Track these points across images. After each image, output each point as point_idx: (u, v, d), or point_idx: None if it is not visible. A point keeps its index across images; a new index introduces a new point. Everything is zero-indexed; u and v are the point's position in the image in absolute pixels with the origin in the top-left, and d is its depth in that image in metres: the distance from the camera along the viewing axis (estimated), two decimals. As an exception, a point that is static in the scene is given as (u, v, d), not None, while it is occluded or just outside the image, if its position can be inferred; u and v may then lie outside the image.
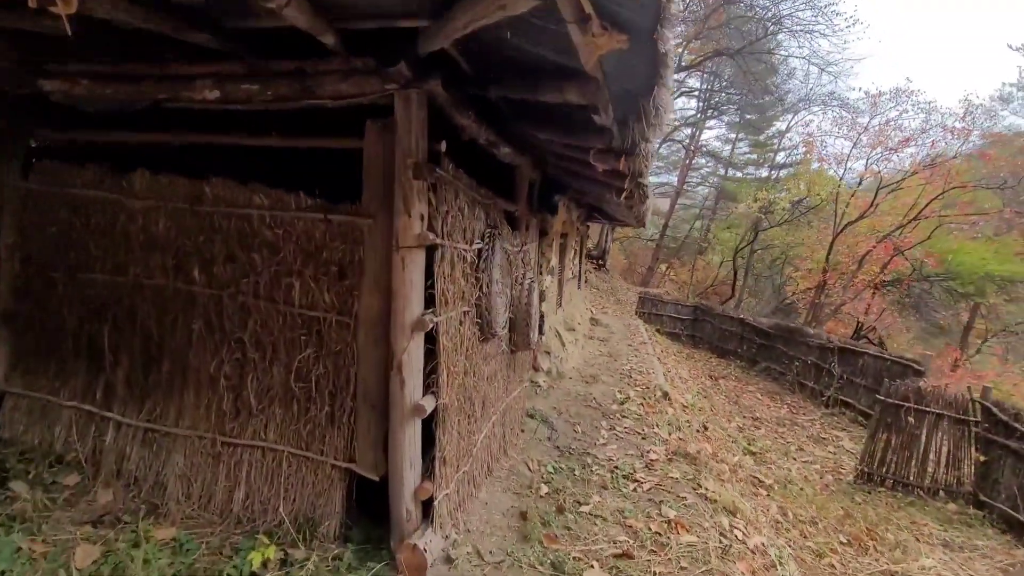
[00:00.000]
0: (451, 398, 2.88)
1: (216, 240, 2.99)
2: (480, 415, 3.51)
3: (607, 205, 8.81)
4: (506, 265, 3.73)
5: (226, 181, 2.99)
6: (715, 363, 13.34)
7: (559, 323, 8.37)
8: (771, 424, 8.77)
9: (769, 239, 23.95)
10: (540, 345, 6.98)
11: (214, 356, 2.99)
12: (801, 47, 15.47)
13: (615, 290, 22.89)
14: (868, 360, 9.33)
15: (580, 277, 12.45)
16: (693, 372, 11.29)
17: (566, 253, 9.16)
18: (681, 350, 14.09)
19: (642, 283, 28.92)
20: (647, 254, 33.05)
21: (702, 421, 7.03)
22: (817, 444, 8.17)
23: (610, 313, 14.76)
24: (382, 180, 2.69)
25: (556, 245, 7.61)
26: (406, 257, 2.60)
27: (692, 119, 27.22)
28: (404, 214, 2.59)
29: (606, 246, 24.43)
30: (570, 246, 9.56)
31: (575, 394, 6.46)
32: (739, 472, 5.87)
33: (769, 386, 11.55)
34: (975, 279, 17.51)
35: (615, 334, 11.06)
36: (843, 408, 9.75)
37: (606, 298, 19.76)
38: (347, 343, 2.79)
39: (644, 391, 6.91)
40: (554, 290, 8.03)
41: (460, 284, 2.92)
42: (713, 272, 31.84)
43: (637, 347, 9.92)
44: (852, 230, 15.77)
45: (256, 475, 2.94)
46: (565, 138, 3.13)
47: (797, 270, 19.68)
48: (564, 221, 8.23)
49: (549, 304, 7.63)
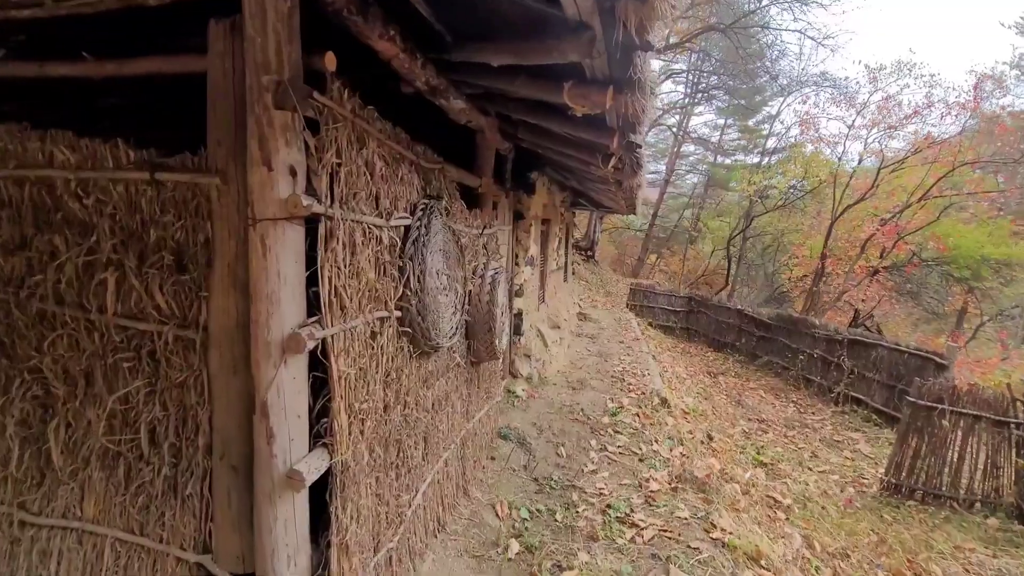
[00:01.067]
0: (357, 451, 1.92)
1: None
2: (421, 460, 2.55)
3: (594, 188, 7.87)
4: (455, 252, 2.76)
5: (12, 127, 1.98)
6: (712, 358, 12.50)
7: (542, 321, 7.43)
8: (779, 427, 7.93)
9: (762, 226, 23.18)
10: (519, 347, 6.04)
11: (1, 393, 1.99)
12: (796, 20, 14.57)
13: (605, 282, 22.03)
14: (882, 353, 8.51)
15: (566, 269, 11.51)
16: (690, 369, 10.43)
17: (549, 242, 8.21)
18: (676, 344, 13.23)
19: (633, 274, 28.13)
20: (637, 244, 32.26)
21: (706, 430, 6.14)
22: (831, 449, 7.34)
23: (600, 306, 13.87)
24: (233, 116, 1.70)
25: (535, 232, 6.66)
26: (268, 235, 1.63)
27: (680, 103, 26.35)
28: (261, 165, 1.62)
29: (595, 236, 23.54)
30: (553, 234, 8.61)
31: (559, 405, 5.52)
32: (753, 492, 4.98)
33: (772, 382, 10.73)
34: (971, 262, 16.90)
35: (605, 330, 10.15)
36: (855, 406, 8.94)
37: (595, 290, 18.87)
38: (193, 371, 1.81)
39: (639, 397, 6.00)
40: (535, 283, 7.08)
41: (369, 277, 1.95)
42: (704, 261, 31.17)
43: (630, 344, 9.02)
44: (851, 214, 14.98)
45: (70, 570, 1.96)
46: (526, 56, 2.15)
47: (794, 257, 18.88)
48: (546, 205, 7.27)
49: (529, 300, 6.68)
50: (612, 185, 6.55)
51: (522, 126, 4.44)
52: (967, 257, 16.76)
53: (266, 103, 1.61)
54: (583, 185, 8.55)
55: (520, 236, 5.89)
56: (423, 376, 2.52)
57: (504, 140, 4.78)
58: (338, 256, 1.78)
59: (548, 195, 7.46)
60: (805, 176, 15.90)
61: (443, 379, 2.85)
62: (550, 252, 8.38)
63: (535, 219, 6.54)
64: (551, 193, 7.74)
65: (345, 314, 1.82)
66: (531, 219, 6.18)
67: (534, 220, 6.50)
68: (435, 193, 2.65)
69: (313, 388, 1.81)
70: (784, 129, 25.04)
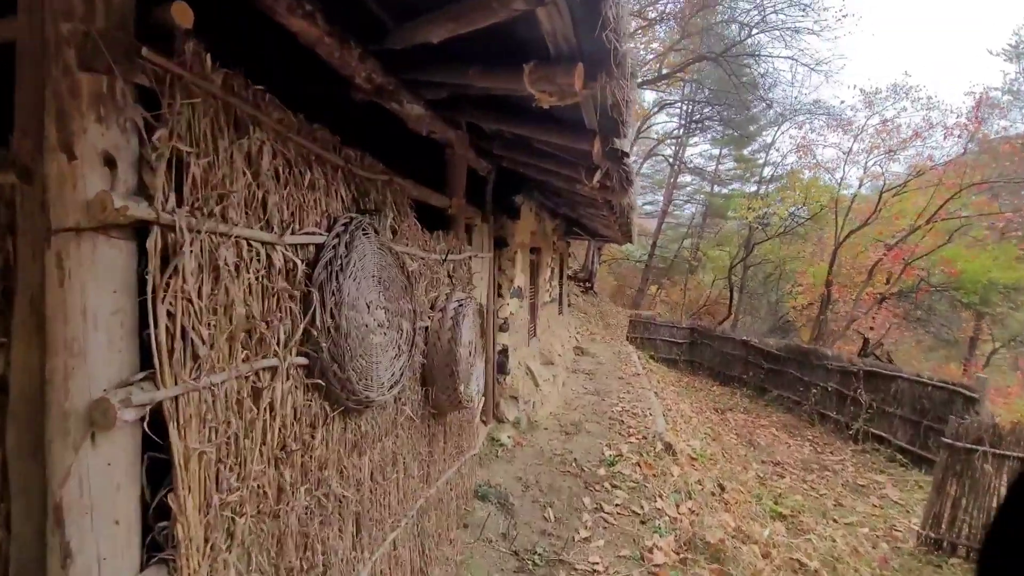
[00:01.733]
0: (218, 566, 1.33)
1: None
2: (350, 551, 1.95)
3: (586, 214, 7.43)
4: (399, 280, 2.23)
5: None
6: (719, 392, 11.81)
7: (532, 357, 6.84)
8: (796, 470, 7.22)
9: (763, 254, 22.76)
10: (504, 388, 5.45)
11: None
12: (788, 47, 14.54)
13: (604, 314, 21.46)
14: (903, 385, 7.88)
15: (561, 301, 10.98)
16: (696, 406, 9.75)
17: (539, 272, 7.71)
18: (680, 378, 12.56)
19: (633, 305, 27.59)
20: (637, 276, 31.87)
21: (716, 477, 5.47)
22: (856, 495, 6.61)
23: (598, 339, 13.26)
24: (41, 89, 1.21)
25: (522, 260, 6.16)
26: (66, 253, 1.11)
27: (674, 133, 26.41)
28: (59, 152, 1.12)
29: (593, 267, 23.12)
30: (544, 264, 8.12)
31: (550, 454, 4.89)
32: (774, 554, 4.29)
33: (785, 418, 10.02)
34: (978, 288, 16.40)
35: (604, 364, 9.53)
36: (876, 443, 8.23)
37: (594, 323, 18.28)
38: (-17, 452, 1.26)
39: (640, 442, 5.36)
40: (524, 317, 6.53)
41: (243, 313, 1.41)
42: (705, 291, 30.73)
43: (629, 380, 8.39)
44: (854, 240, 14.55)
45: None
46: (468, 19, 1.67)
47: (798, 285, 18.35)
48: (534, 233, 6.80)
49: (517, 335, 6.12)
50: (603, 208, 6.09)
51: (497, 140, 4.00)
52: (974, 282, 16.25)
53: (68, 63, 1.11)
54: (575, 211, 8.12)
55: (504, 265, 5.39)
56: (351, 441, 1.95)
57: (480, 158, 4.34)
58: (187, 283, 1.24)
59: (537, 222, 7.00)
60: (805, 202, 15.54)
61: (387, 440, 2.27)
62: (541, 283, 7.87)
63: (521, 247, 6.06)
64: (540, 220, 7.29)
65: (200, 366, 1.27)
66: (516, 247, 5.69)
67: (520, 248, 6.01)
68: (372, 207, 2.15)
69: (154, 473, 1.25)
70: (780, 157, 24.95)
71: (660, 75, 17.10)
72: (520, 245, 6.00)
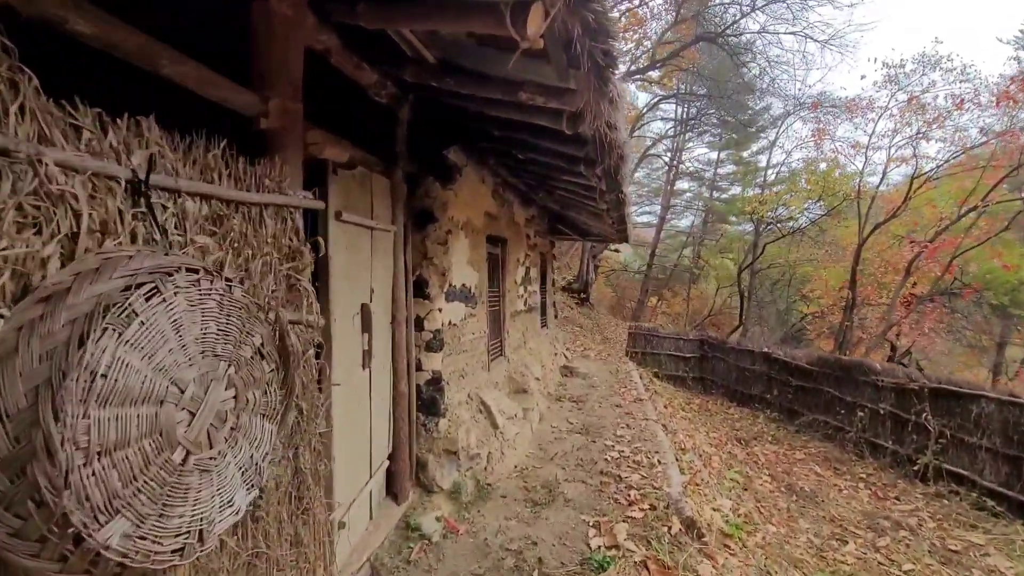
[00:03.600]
0: None
1: None
2: None
3: (572, 200, 5.67)
4: None
5: None
6: (738, 416, 9.89)
7: (492, 385, 4.99)
8: (859, 529, 5.31)
9: (770, 258, 20.97)
10: (435, 439, 3.60)
11: None
12: (795, 21, 12.89)
13: (601, 326, 19.66)
14: (989, 408, 6.01)
15: (545, 311, 9.15)
16: (714, 437, 7.85)
17: (505, 271, 5.90)
18: (690, 399, 10.65)
19: (632, 318, 25.78)
20: (635, 287, 30.17)
21: (763, 565, 3.58)
22: (953, 567, 4.70)
23: (593, 356, 11.40)
24: None
25: (472, 251, 4.35)
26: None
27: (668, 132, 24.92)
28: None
29: (588, 277, 21.37)
30: (515, 261, 6.32)
31: (498, 549, 3.01)
32: None
33: (823, 449, 8.10)
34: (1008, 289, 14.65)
35: (597, 388, 7.67)
36: (953, 484, 6.32)
37: (590, 336, 16.45)
38: None
39: (647, 518, 3.49)
40: (478, 330, 4.70)
41: None
42: (709, 301, 28.97)
43: (629, 408, 6.53)
44: (878, 235, 12.79)
45: None
46: None
47: (813, 290, 16.52)
48: (492, 216, 5.02)
49: (465, 354, 4.30)
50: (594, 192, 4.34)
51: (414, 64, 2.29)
52: (1003, 282, 14.49)
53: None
54: (554, 197, 6.36)
55: (431, 251, 3.58)
56: None
57: (384, 78, 2.59)
58: None
59: (498, 202, 5.22)
60: (822, 196, 13.78)
61: None
62: (509, 286, 6.05)
63: (468, 230, 4.26)
64: (503, 201, 5.51)
65: None
66: (455, 227, 3.89)
67: (466, 231, 4.21)
68: None
69: None
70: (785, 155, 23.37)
71: (653, 61, 15.50)
72: (466, 228, 4.20)
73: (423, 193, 3.54)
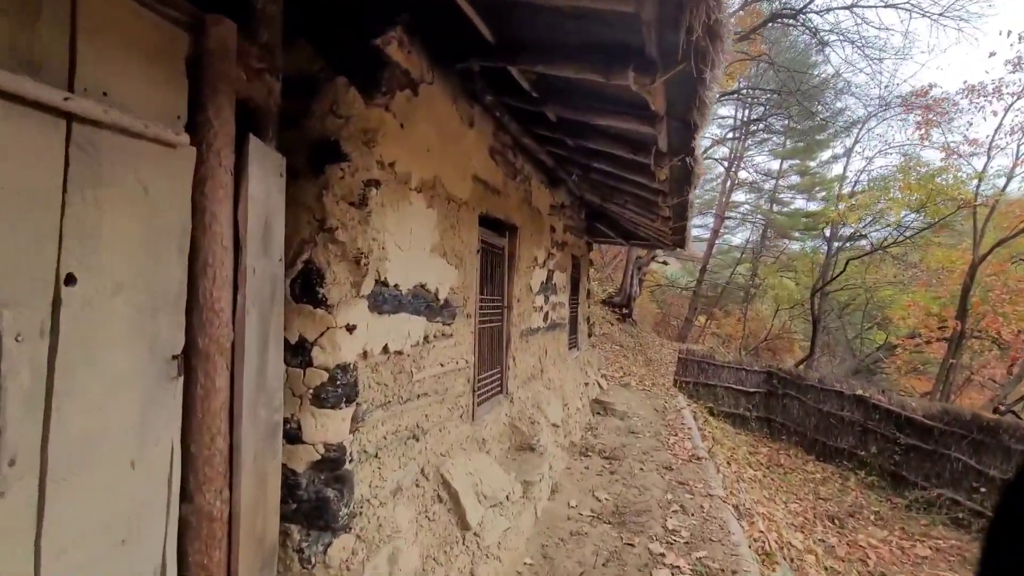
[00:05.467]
0: None
1: None
2: None
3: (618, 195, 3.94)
4: None
5: None
6: (820, 476, 7.70)
7: (472, 446, 3.24)
8: None
9: (844, 279, 18.25)
10: None
11: None
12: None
13: (644, 346, 17.57)
14: None
15: (576, 329, 7.34)
16: (797, 508, 5.81)
17: (517, 273, 4.18)
18: (754, 448, 8.54)
19: (679, 337, 23.50)
20: (682, 304, 27.80)
21: None
22: None
23: (635, 383, 9.46)
24: None
25: (454, 235, 2.66)
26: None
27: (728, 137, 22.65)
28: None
29: (631, 291, 19.31)
30: (531, 261, 4.59)
31: None
32: None
33: (955, 541, 5.87)
34: None
35: (639, 436, 5.80)
36: None
37: (632, 358, 14.45)
38: None
39: None
40: (453, 359, 2.98)
41: None
42: (766, 324, 26.23)
43: (683, 471, 4.66)
44: (1002, 251, 10.28)
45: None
46: None
47: (904, 317, 13.89)
48: (484, 183, 3.32)
49: (426, 405, 2.60)
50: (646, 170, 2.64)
51: None
52: None
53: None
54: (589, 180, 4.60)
55: (333, 213, 1.89)
56: None
57: None
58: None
59: (501, 168, 3.54)
60: (925, 205, 11.30)
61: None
62: (520, 292, 4.32)
63: (431, 193, 2.58)
64: (510, 166, 3.81)
65: None
66: (392, 177, 2.21)
67: (425, 193, 2.54)
68: None
69: None
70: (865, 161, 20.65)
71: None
72: (428, 190, 2.52)
73: (323, 107, 1.88)
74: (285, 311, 1.82)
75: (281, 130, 1.77)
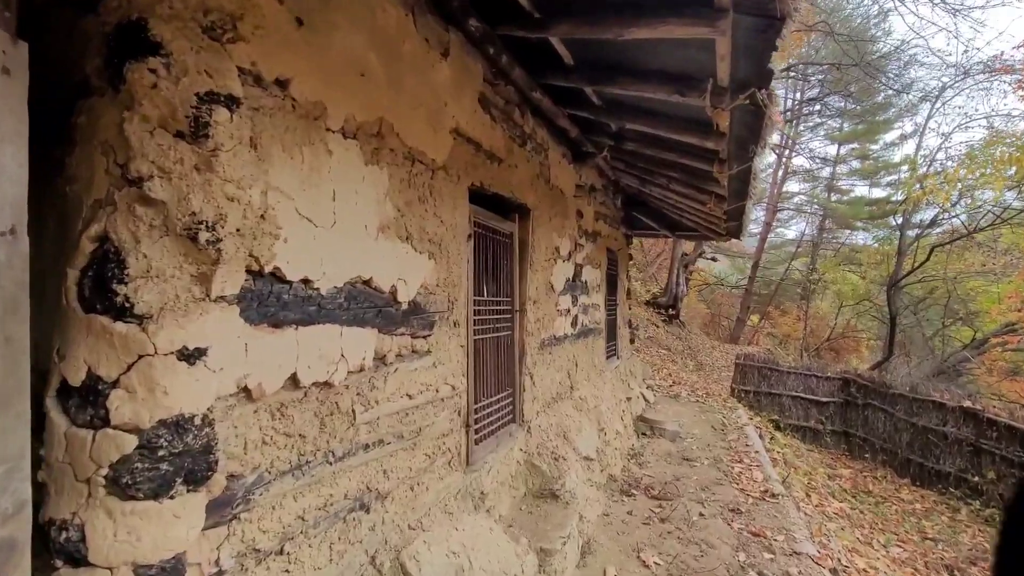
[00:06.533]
0: None
1: None
2: None
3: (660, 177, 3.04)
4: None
5: None
6: (920, 506, 6.35)
7: (461, 506, 2.34)
8: None
9: (921, 269, 16.26)
10: None
11: None
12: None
13: (694, 349, 16.28)
14: None
15: (616, 335, 6.35)
16: (901, 555, 4.61)
17: (532, 268, 3.29)
18: (832, 469, 7.25)
19: (731, 339, 21.90)
20: (732, 303, 26.03)
21: None
22: None
23: (686, 392, 8.31)
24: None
25: (422, 211, 1.82)
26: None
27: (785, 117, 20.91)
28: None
29: (678, 290, 18.00)
30: (552, 253, 3.68)
31: None
32: None
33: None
34: None
35: (695, 464, 4.76)
36: None
37: (681, 363, 13.26)
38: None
39: None
40: (432, 386, 2.12)
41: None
42: (827, 322, 24.16)
43: (755, 516, 3.62)
44: None
45: None
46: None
47: (1001, 310, 12.02)
48: (492, 151, 2.44)
49: (385, 457, 1.72)
50: (705, 92, 1.71)
51: None
52: None
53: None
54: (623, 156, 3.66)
55: (166, 164, 1.07)
56: None
57: None
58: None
59: (501, 124, 2.64)
60: None
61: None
62: (537, 293, 3.41)
63: (371, 137, 1.72)
64: (514, 126, 2.93)
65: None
66: (313, 110, 1.36)
67: (365, 139, 1.67)
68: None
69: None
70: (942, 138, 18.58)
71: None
72: (361, 130, 1.67)
73: None
74: (64, 328, 1.01)
75: (74, 17, 0.98)
